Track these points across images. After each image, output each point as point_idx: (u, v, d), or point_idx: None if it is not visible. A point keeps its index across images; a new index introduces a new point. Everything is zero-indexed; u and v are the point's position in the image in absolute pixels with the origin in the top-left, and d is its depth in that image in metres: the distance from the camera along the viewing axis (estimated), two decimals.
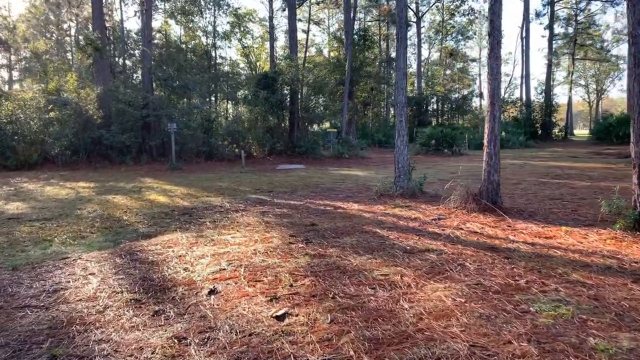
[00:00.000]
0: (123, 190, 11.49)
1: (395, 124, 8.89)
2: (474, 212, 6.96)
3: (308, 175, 14.72)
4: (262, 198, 9.77)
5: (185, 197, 10.20)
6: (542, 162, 17.50)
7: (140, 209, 8.73)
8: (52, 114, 18.92)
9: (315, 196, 9.83)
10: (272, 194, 10.48)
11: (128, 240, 6.21)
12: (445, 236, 5.70)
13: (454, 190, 8.44)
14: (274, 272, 4.45)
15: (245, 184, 12.56)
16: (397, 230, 6.14)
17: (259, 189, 11.28)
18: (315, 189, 11.06)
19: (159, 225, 7.18)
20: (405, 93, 8.81)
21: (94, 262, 5.03)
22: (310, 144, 22.10)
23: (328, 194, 10.08)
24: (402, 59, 8.81)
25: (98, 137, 19.20)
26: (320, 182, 12.54)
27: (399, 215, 7.14)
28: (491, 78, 6.98)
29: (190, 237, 6.17)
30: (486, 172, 7.10)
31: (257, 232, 6.33)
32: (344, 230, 6.20)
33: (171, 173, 16.41)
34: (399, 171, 8.84)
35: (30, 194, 11.12)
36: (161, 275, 4.49)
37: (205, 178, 14.32)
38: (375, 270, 4.41)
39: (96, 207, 9.00)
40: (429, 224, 6.43)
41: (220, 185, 12.20)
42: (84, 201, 9.81)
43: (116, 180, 14.11)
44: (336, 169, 17.59)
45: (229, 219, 7.40)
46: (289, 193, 10.47)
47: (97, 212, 8.39)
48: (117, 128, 19.54)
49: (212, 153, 21.60)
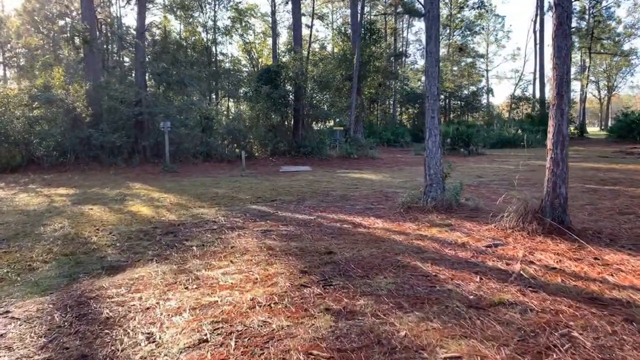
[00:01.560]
0: (104, 199, 9.97)
1: (426, 121, 7.30)
2: (537, 234, 5.39)
3: (315, 179, 13.16)
4: (264, 210, 8.22)
5: (174, 208, 8.66)
6: (574, 164, 15.86)
7: (117, 225, 7.20)
8: (37, 111, 17.42)
9: (327, 207, 8.27)
10: (275, 203, 8.92)
11: (88, 275, 4.69)
12: (516, 276, 4.14)
13: (498, 199, 6.89)
14: (281, 349, 2.90)
15: (244, 190, 11.01)
16: (445, 264, 4.58)
17: (260, 197, 9.72)
18: (326, 198, 9.50)
19: (133, 250, 5.65)
20: (438, 83, 7.22)
21: (22, 322, 3.49)
22: (316, 143, 20.52)
23: (342, 205, 8.52)
24: (433, 41, 7.22)
25: (87, 137, 17.68)
26: (331, 188, 10.98)
27: (440, 239, 5.57)
28: (558, 62, 5.40)
29: (168, 272, 4.63)
30: (550, 183, 5.53)
31: (257, 264, 4.79)
32: (373, 263, 4.65)
33: (164, 176, 14.89)
34: (430, 179, 7.26)
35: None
36: (110, 352, 2.95)
37: (200, 183, 12.77)
38: (439, 348, 2.86)
39: (65, 222, 7.47)
40: (485, 254, 4.87)
41: (216, 192, 10.65)
42: (53, 214, 8.29)
43: (102, 185, 12.59)
44: (345, 171, 16.02)
45: (222, 242, 5.86)
46: (295, 203, 8.91)
47: (64, 230, 6.86)
48: (107, 127, 18.02)
49: (210, 153, 20.05)
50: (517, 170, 14.64)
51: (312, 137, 21.13)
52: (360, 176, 14.07)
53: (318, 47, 44.11)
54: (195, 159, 19.36)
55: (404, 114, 42.15)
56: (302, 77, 20.13)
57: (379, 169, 16.55)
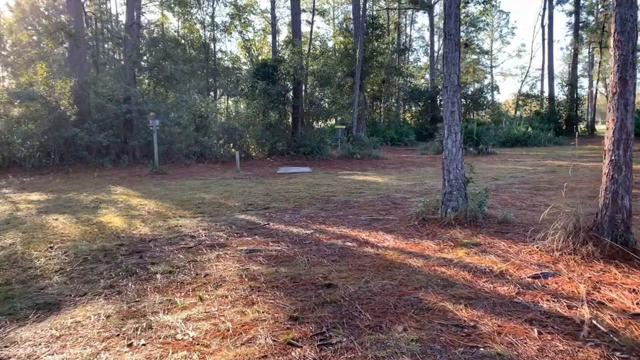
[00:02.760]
0: (77, 206, 8.81)
1: (444, 115, 6.10)
2: (594, 259, 4.21)
3: (315, 182, 11.99)
4: (253, 221, 7.05)
5: (151, 217, 7.50)
6: (596, 164, 14.66)
7: (77, 240, 6.04)
8: (17, 110, 16.27)
9: (326, 218, 7.10)
10: (268, 212, 7.76)
11: (8, 319, 3.54)
12: (588, 329, 2.97)
13: (528, 208, 5.71)
14: None
15: (235, 195, 9.84)
16: (484, 306, 3.41)
17: (251, 205, 8.56)
18: (326, 205, 8.32)
19: (83, 278, 4.50)
20: (459, 72, 6.03)
21: None
22: (316, 142, 19.31)
23: (344, 214, 7.35)
24: (453, 20, 6.02)
25: (72, 137, 16.55)
26: (332, 193, 9.81)
27: (470, 265, 4.39)
28: (621, 38, 4.22)
29: (114, 315, 3.47)
30: (610, 193, 4.34)
31: (233, 302, 3.63)
32: (387, 304, 3.48)
33: (151, 179, 13.72)
34: (450, 185, 6.06)
35: None
36: None
37: (188, 186, 11.61)
38: None
39: (18, 237, 6.32)
40: (534, 290, 3.69)
41: (203, 198, 9.49)
42: (10, 226, 7.14)
43: (80, 189, 11.44)
44: (348, 172, 14.84)
45: (196, 267, 4.70)
46: (290, 212, 7.75)
47: (11, 249, 5.71)
48: (93, 126, 16.87)
49: (204, 154, 18.89)
50: (535, 171, 13.44)
51: (312, 136, 19.93)
52: (364, 179, 12.89)
53: (319, 44, 42.95)
54: (188, 159, 18.20)
55: (407, 112, 40.91)
56: (302, 72, 18.95)
57: (384, 171, 15.36)
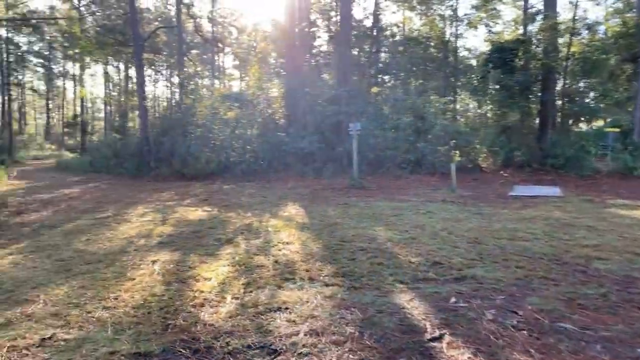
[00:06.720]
0: (223, 234, 6.77)
1: None
2: None
3: (566, 221, 7.45)
4: (417, 317, 3.51)
5: (259, 280, 4.73)
6: None
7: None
8: (230, 113, 16.14)
9: (583, 330, 3.06)
10: (458, 288, 4.08)
11: None
12: None
13: None
14: None
15: (425, 236, 6.33)
16: None
17: (438, 264, 4.96)
18: (582, 286, 4.12)
19: None
20: None
21: None
22: (573, 152, 13.90)
23: (626, 332, 3.15)
24: None
25: (277, 142, 15.60)
26: (595, 248, 5.38)
27: None
28: None
29: None
30: None
31: None
32: None
33: (343, 195, 11.25)
34: None
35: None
36: None
37: (372, 212, 8.56)
38: None
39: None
40: None
41: (374, 238, 6.30)
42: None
43: (251, 205, 9.67)
44: (626, 202, 9.50)
45: None
46: (503, 296, 3.90)
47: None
48: (299, 130, 15.58)
49: (420, 163, 15.67)
50: None
51: (566, 143, 14.53)
52: None
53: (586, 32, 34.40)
54: (400, 169, 15.30)
55: None
56: (555, 56, 13.82)
57: None
